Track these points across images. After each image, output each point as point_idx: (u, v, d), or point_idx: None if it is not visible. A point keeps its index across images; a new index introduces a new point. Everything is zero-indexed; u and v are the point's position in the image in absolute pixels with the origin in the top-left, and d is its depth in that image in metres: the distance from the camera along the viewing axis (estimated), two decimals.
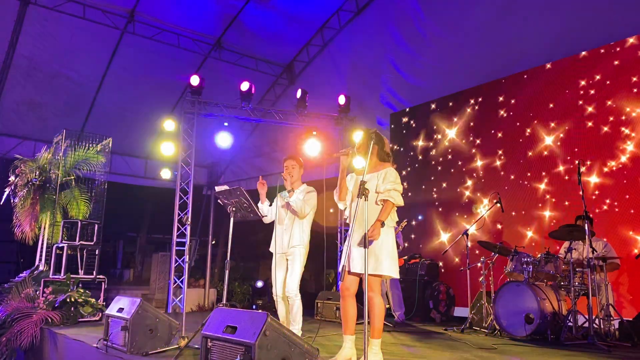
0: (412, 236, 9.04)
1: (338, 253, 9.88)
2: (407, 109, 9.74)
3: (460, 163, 8.61)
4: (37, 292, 6.58)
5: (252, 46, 11.28)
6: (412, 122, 9.57)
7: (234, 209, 4.67)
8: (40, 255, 8.03)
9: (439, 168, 8.94)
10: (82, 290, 6.65)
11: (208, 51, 11.01)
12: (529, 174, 7.62)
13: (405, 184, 9.41)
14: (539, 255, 5.97)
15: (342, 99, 9.66)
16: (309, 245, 4.92)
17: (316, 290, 9.37)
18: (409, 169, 9.44)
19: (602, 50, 7.05)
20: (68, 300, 6.27)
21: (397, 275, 3.92)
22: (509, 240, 7.52)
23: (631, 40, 6.75)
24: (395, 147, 9.77)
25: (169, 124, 9.73)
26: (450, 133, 8.85)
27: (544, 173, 7.46)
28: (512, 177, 7.81)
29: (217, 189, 4.69)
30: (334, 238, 10.07)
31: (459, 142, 8.69)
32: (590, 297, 5.39)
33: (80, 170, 8.54)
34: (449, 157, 8.81)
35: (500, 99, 8.18)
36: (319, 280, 13.67)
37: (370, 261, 3.72)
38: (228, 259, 4.63)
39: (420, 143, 9.35)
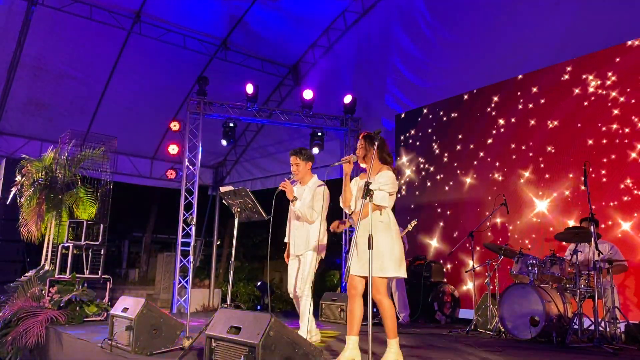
0: (416, 237, 9.01)
1: (343, 254, 9.88)
2: (413, 110, 9.72)
3: (466, 164, 8.58)
4: (43, 292, 6.60)
5: (257, 47, 11.30)
6: (417, 123, 9.55)
7: (238, 209, 4.67)
8: (46, 255, 8.06)
9: (445, 169, 8.91)
10: (87, 290, 6.67)
11: (214, 52, 11.04)
12: (536, 172, 7.59)
13: (410, 185, 9.40)
14: (544, 258, 5.94)
15: (347, 99, 9.67)
16: (325, 243, 4.90)
17: (320, 291, 9.38)
18: (414, 170, 9.42)
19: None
20: (73, 299, 6.28)
21: (404, 275, 3.93)
22: (514, 242, 7.49)
23: None
24: (400, 148, 9.76)
25: (175, 124, 9.79)
26: (457, 134, 8.82)
27: (550, 173, 7.43)
28: (521, 178, 7.78)
29: (222, 189, 4.69)
30: (339, 239, 10.08)
31: (466, 143, 8.66)
32: (596, 300, 5.36)
33: (86, 170, 8.57)
34: (455, 158, 8.78)
35: (508, 99, 8.15)
36: (323, 281, 13.67)
37: (376, 263, 3.75)
38: (233, 259, 4.64)
39: (426, 144, 9.33)
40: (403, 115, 9.90)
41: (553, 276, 5.83)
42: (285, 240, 5.11)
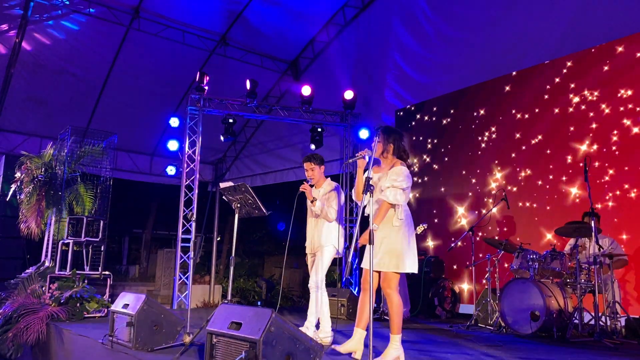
0: (417, 234, 9.00)
1: (343, 251, 9.87)
2: (413, 106, 9.70)
3: (466, 160, 8.57)
4: (43, 288, 6.60)
5: (257, 43, 11.26)
6: (417, 118, 9.53)
7: (238, 205, 4.66)
8: (46, 252, 8.06)
9: (445, 165, 8.90)
10: (87, 287, 6.67)
11: (213, 48, 11.01)
12: (532, 171, 7.58)
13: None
14: (545, 253, 5.94)
15: (348, 94, 9.62)
16: (340, 239, 4.93)
17: None
18: (414, 165, 9.40)
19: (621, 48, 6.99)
20: (74, 296, 6.28)
21: (415, 271, 3.95)
22: (514, 237, 7.49)
23: None
24: None
25: (174, 121, 9.77)
26: (456, 129, 8.80)
27: (551, 166, 7.42)
28: (520, 174, 7.77)
29: (222, 185, 4.69)
30: None
31: (465, 139, 8.64)
32: (597, 295, 5.37)
33: (85, 167, 8.56)
34: (455, 153, 8.76)
35: (508, 94, 8.13)
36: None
37: (391, 258, 3.80)
38: (233, 255, 4.63)
39: (425, 140, 9.31)
40: (403, 111, 9.87)
41: (553, 271, 5.84)
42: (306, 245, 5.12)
